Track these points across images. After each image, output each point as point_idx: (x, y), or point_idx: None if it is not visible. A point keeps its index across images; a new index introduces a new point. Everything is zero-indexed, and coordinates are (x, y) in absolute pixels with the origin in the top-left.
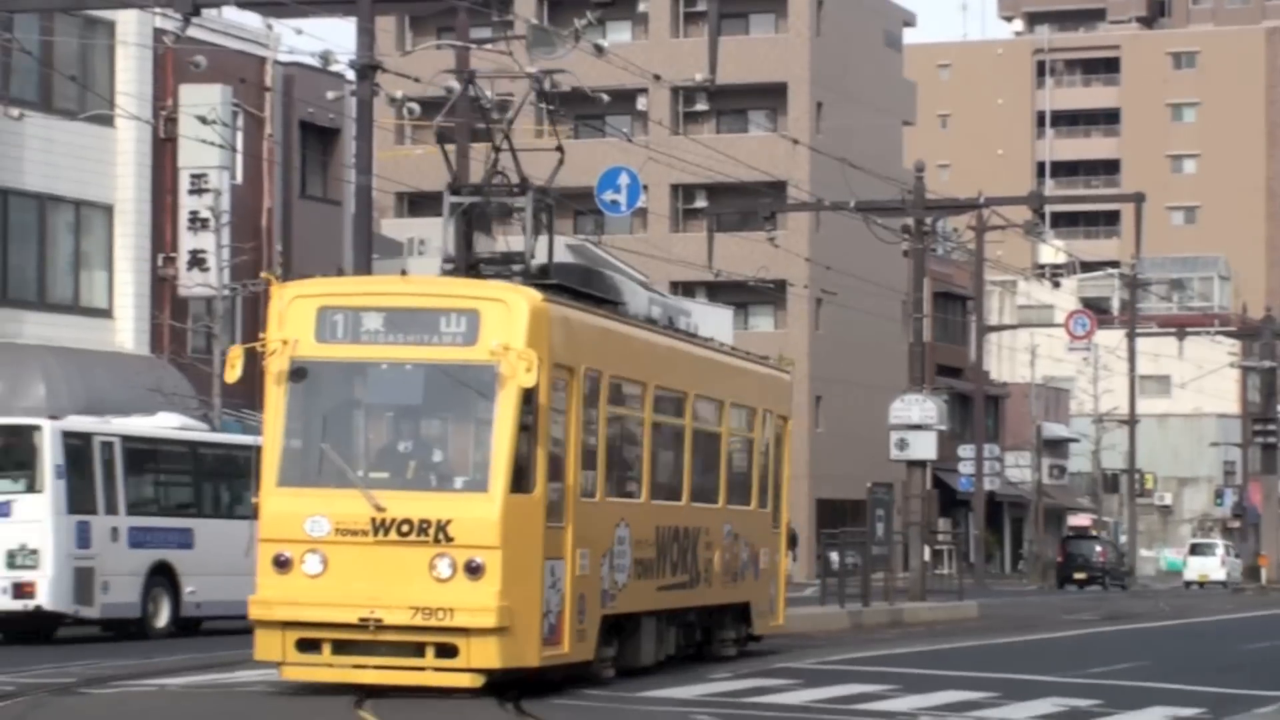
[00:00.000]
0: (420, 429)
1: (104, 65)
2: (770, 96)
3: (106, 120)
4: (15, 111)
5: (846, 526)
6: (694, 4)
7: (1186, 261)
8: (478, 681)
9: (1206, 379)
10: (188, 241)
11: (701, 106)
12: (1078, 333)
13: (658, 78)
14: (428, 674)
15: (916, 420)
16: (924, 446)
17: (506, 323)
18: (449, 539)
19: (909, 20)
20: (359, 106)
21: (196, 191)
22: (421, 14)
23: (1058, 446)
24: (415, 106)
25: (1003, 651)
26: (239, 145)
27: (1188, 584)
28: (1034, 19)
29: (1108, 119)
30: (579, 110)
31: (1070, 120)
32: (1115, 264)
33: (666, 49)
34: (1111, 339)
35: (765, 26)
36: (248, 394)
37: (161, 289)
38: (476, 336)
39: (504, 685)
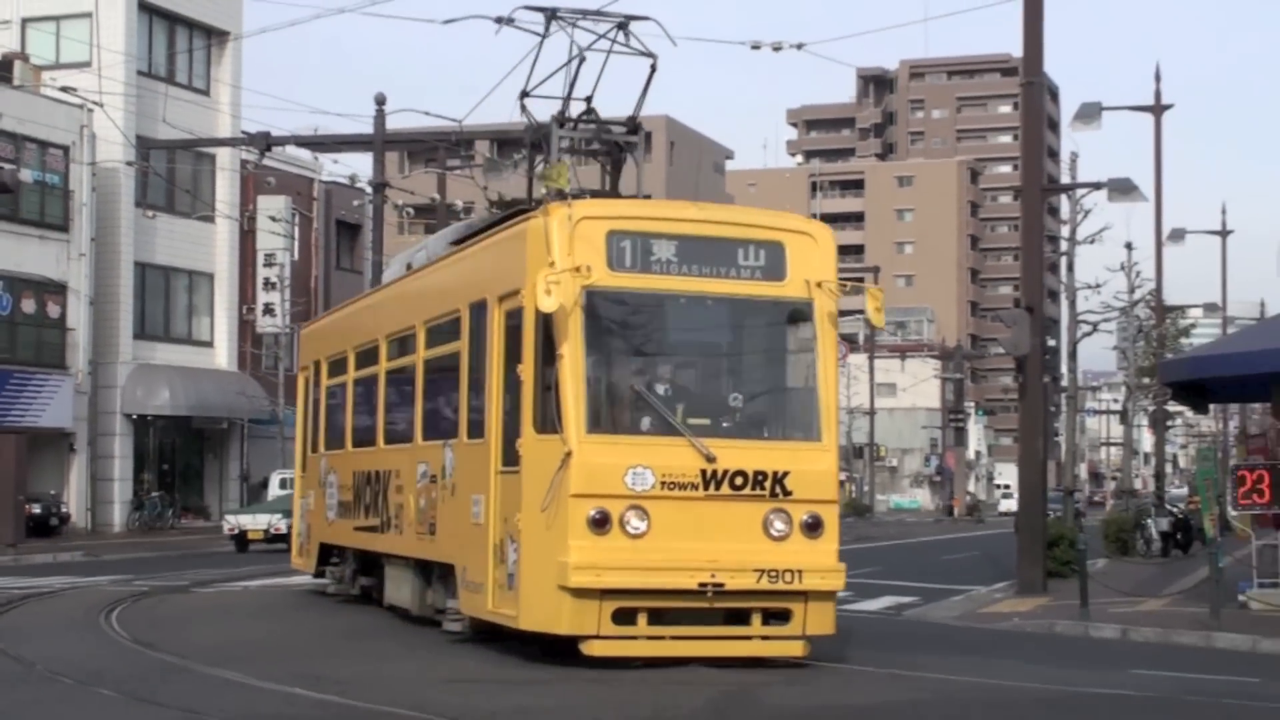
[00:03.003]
0: (733, 371)
1: (207, 182)
2: None
3: (209, 218)
4: (150, 212)
5: None
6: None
7: (907, 310)
8: (807, 650)
9: (919, 385)
10: (262, 297)
11: None
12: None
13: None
14: (754, 644)
15: None
16: None
17: (814, 257)
18: (786, 493)
19: (729, 155)
20: (374, 211)
21: (268, 265)
22: (415, 150)
23: None
24: (410, 210)
25: None
26: (296, 235)
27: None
28: (809, 154)
29: (856, 219)
30: None
31: (832, 220)
32: (861, 312)
33: (578, 173)
34: (859, 360)
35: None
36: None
37: (245, 328)
38: (784, 270)
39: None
